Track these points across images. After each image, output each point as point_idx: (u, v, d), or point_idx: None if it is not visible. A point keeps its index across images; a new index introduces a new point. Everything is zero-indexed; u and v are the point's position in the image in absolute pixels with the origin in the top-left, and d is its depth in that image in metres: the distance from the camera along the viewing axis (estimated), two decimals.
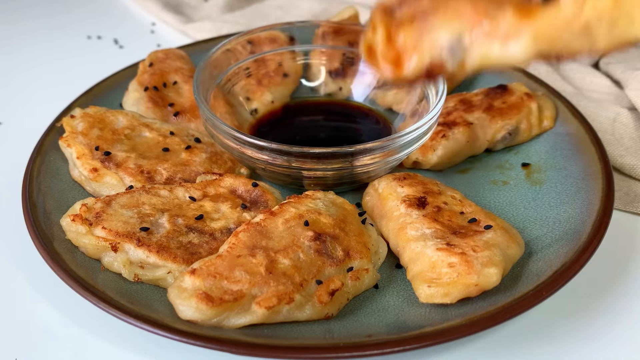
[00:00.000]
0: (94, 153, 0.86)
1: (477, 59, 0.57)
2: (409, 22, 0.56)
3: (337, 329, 0.69)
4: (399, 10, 0.57)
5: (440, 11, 0.56)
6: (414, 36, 0.56)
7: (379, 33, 0.57)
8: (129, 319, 0.67)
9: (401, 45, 0.57)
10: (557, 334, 0.73)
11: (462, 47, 0.56)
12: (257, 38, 1.05)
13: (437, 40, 0.56)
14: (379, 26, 0.57)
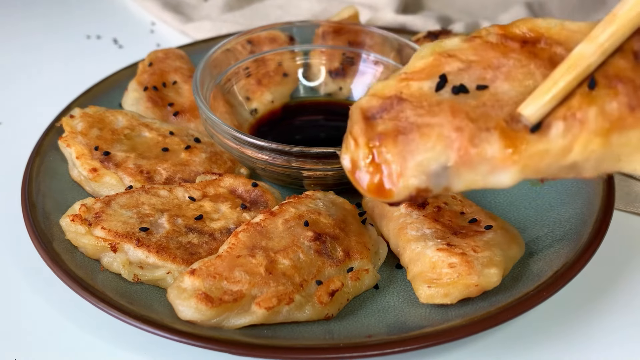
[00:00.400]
0: (93, 153, 0.86)
1: (462, 186, 0.57)
2: (393, 139, 0.54)
3: (337, 329, 0.69)
4: (379, 119, 0.55)
5: (425, 133, 0.54)
6: (399, 161, 0.55)
7: (361, 152, 0.55)
8: (129, 320, 0.67)
9: (384, 170, 0.55)
10: (557, 335, 0.73)
11: (446, 175, 0.55)
12: (256, 38, 1.05)
13: (422, 167, 0.55)
14: (361, 142, 0.55)
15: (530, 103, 0.52)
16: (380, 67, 1.03)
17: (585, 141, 0.52)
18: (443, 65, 0.53)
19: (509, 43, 0.53)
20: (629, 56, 0.53)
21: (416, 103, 0.54)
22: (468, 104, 0.53)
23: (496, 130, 0.53)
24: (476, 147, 0.53)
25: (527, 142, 0.52)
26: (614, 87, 0.52)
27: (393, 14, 1.35)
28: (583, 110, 0.52)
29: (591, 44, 0.52)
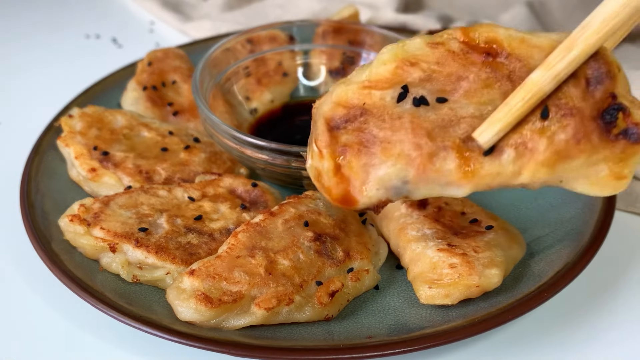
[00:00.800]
0: (92, 153, 0.86)
1: (421, 195, 0.61)
2: (356, 152, 0.57)
3: (337, 330, 0.69)
4: (343, 129, 0.57)
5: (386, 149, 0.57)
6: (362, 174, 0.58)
7: (326, 164, 0.58)
8: (128, 320, 0.67)
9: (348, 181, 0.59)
10: (558, 335, 0.73)
11: (406, 187, 0.59)
12: (256, 37, 1.04)
13: (383, 181, 0.58)
14: (325, 154, 0.58)
15: (484, 130, 0.55)
16: None
17: (534, 170, 0.56)
18: (405, 74, 0.55)
19: (470, 55, 0.55)
20: (581, 82, 0.55)
21: (378, 115, 0.56)
22: (428, 119, 0.56)
23: (453, 150, 0.56)
24: (434, 165, 0.57)
25: (480, 164, 0.56)
26: (565, 120, 0.55)
27: (393, 13, 1.34)
28: (534, 141, 0.55)
29: (547, 72, 0.54)
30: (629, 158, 0.57)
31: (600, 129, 0.55)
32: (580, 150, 0.56)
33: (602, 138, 0.56)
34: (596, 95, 0.55)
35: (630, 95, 0.57)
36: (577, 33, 0.54)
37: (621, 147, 0.56)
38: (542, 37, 0.56)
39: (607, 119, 0.55)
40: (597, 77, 0.55)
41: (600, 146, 0.56)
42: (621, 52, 1.21)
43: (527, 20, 1.30)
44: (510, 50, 0.55)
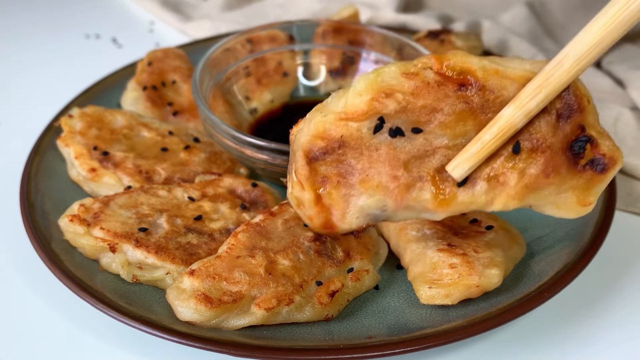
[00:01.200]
0: (92, 153, 0.86)
1: (399, 219, 0.64)
2: (335, 184, 0.59)
3: (337, 330, 0.69)
4: (322, 160, 0.59)
5: (365, 180, 0.59)
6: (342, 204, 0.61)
7: (306, 195, 0.60)
8: (127, 320, 0.67)
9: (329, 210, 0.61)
10: (559, 335, 0.73)
11: (385, 214, 0.61)
12: (256, 37, 1.04)
13: (363, 210, 0.61)
14: (306, 186, 0.60)
15: (457, 165, 0.58)
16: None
17: (505, 201, 0.59)
18: (380, 107, 0.56)
19: (444, 87, 0.56)
20: (552, 117, 0.57)
21: (356, 147, 0.58)
22: (403, 150, 0.58)
23: (428, 181, 0.59)
24: (411, 195, 0.59)
25: (454, 194, 0.59)
26: (535, 155, 0.57)
27: (393, 13, 1.34)
28: (505, 175, 0.58)
29: (519, 110, 0.55)
30: (594, 186, 0.60)
31: (569, 160, 0.58)
32: (549, 182, 0.58)
33: (570, 169, 0.58)
34: (566, 129, 0.57)
35: (598, 125, 0.59)
36: (550, 70, 0.55)
37: (587, 177, 0.59)
38: (516, 68, 0.57)
39: (575, 150, 0.58)
40: (568, 111, 0.57)
41: (568, 177, 0.58)
42: (621, 52, 1.21)
43: (527, 20, 1.30)
44: (484, 81, 0.56)
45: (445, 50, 1.07)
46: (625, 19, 0.51)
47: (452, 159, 0.58)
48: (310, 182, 0.60)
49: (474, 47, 1.11)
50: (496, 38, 1.25)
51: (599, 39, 0.53)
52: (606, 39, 0.53)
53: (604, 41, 0.53)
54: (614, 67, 1.15)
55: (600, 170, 0.58)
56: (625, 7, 0.51)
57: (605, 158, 0.58)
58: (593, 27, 0.53)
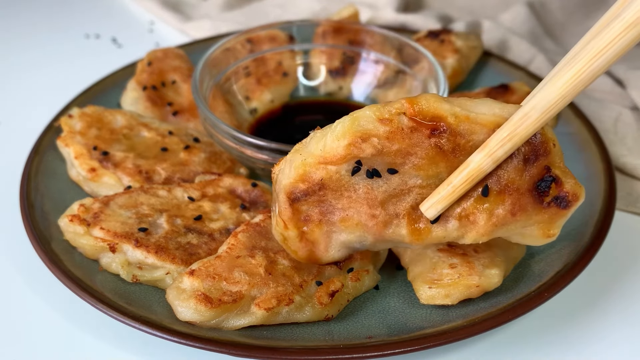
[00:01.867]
0: (92, 153, 0.85)
1: (378, 249, 0.70)
2: (318, 223, 0.63)
3: (337, 330, 0.69)
4: (304, 201, 0.62)
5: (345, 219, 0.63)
6: (325, 239, 0.65)
7: (291, 233, 0.64)
8: (127, 320, 0.67)
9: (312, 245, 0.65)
10: (559, 335, 0.73)
11: (365, 246, 0.66)
12: (256, 37, 1.04)
13: (344, 244, 0.65)
14: (290, 226, 0.64)
15: (431, 207, 0.62)
16: (381, 66, 1.03)
17: (475, 237, 0.63)
18: (358, 150, 0.59)
19: (418, 132, 0.59)
20: (519, 161, 0.61)
21: (335, 189, 0.62)
22: (380, 190, 0.62)
23: (404, 218, 0.63)
24: (388, 230, 0.64)
25: (429, 230, 0.63)
26: (503, 197, 0.61)
27: (393, 12, 1.34)
28: (475, 215, 0.62)
29: (488, 158, 0.59)
30: (557, 220, 0.64)
31: (535, 199, 0.62)
32: (516, 220, 0.63)
33: (535, 207, 0.62)
34: (532, 171, 0.61)
35: (563, 164, 0.63)
36: (518, 121, 0.58)
37: (552, 213, 0.63)
38: (486, 114, 0.60)
39: (541, 189, 0.62)
40: (534, 155, 0.61)
41: (534, 213, 0.63)
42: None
43: (527, 20, 1.30)
44: (455, 127, 0.59)
45: (445, 51, 1.07)
46: (587, 77, 0.55)
47: (426, 197, 0.62)
48: (294, 222, 0.64)
49: (474, 47, 1.11)
50: (496, 38, 1.25)
51: (563, 94, 0.56)
52: (571, 93, 0.56)
53: (568, 96, 0.56)
54: (614, 67, 1.15)
55: (564, 206, 0.63)
56: (588, 66, 0.54)
57: (569, 195, 0.63)
58: (558, 82, 0.57)
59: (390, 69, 1.02)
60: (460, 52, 1.07)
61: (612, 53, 0.53)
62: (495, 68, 1.12)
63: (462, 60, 1.07)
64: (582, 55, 0.55)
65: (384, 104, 0.61)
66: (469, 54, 1.09)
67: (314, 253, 0.66)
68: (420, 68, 0.97)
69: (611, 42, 0.53)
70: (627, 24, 0.52)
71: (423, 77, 0.96)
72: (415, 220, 0.63)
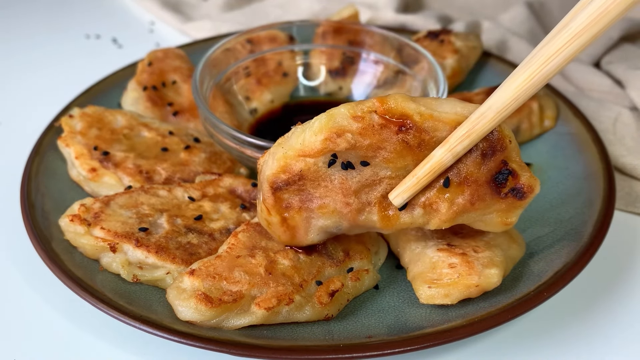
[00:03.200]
0: (92, 153, 0.86)
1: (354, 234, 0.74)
2: (298, 210, 0.69)
3: (337, 330, 0.69)
4: (285, 190, 0.68)
5: (322, 207, 0.68)
6: (304, 224, 0.70)
7: (274, 219, 0.70)
8: (128, 320, 0.67)
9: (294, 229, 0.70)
10: (558, 335, 0.73)
11: (342, 231, 0.71)
12: (256, 37, 1.04)
13: (322, 229, 0.70)
14: (273, 212, 0.69)
15: (397, 195, 0.67)
16: (381, 67, 1.03)
17: (439, 224, 0.68)
18: (334, 145, 0.65)
19: (387, 129, 0.65)
20: (477, 155, 0.65)
21: (313, 179, 0.67)
22: (354, 180, 0.67)
23: (375, 206, 0.68)
24: (361, 217, 0.69)
25: (397, 216, 0.69)
26: (462, 187, 0.66)
27: (393, 13, 1.34)
28: (437, 204, 0.68)
29: (448, 152, 0.64)
30: (514, 210, 0.69)
31: (492, 190, 0.67)
32: (475, 208, 0.68)
33: (493, 197, 0.67)
34: (490, 164, 0.66)
35: (519, 159, 0.68)
36: (476, 120, 0.63)
37: (509, 203, 0.68)
38: (448, 112, 0.65)
39: (498, 180, 0.67)
40: (491, 150, 0.65)
41: (492, 203, 0.68)
42: (620, 52, 1.21)
43: (527, 20, 1.30)
44: (420, 124, 0.64)
45: (444, 51, 1.08)
46: (537, 81, 0.60)
47: (394, 187, 0.68)
48: (276, 208, 0.69)
49: (474, 48, 1.11)
50: (496, 38, 1.25)
51: (516, 96, 0.61)
52: (523, 95, 0.61)
53: (522, 96, 0.61)
54: (613, 67, 1.15)
55: (520, 197, 0.67)
56: (539, 70, 0.59)
57: (524, 187, 0.67)
58: (512, 84, 0.61)
59: (390, 69, 1.02)
60: (460, 53, 1.08)
61: (560, 59, 0.58)
62: (495, 68, 1.12)
63: (461, 60, 1.07)
64: (534, 61, 0.59)
65: (357, 102, 0.66)
66: (468, 54, 1.09)
67: (295, 237, 0.71)
68: (419, 68, 0.97)
69: (559, 50, 0.58)
70: (573, 34, 0.57)
71: (423, 78, 0.96)
72: (385, 208, 0.69)
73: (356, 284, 0.72)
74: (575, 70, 1.16)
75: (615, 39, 1.21)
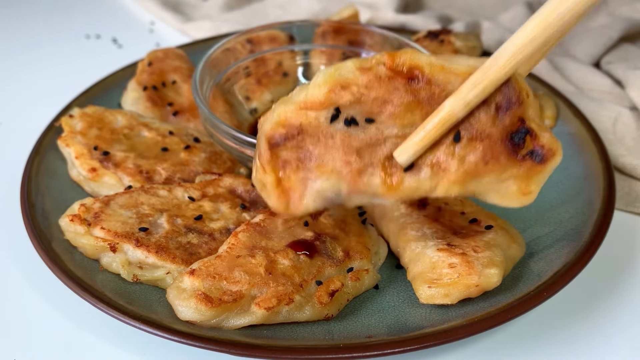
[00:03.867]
0: (92, 153, 0.86)
1: (354, 204, 0.67)
2: (295, 168, 0.63)
3: (337, 329, 0.69)
4: (283, 146, 0.63)
5: (321, 165, 0.63)
6: (300, 186, 0.64)
7: (269, 178, 0.64)
8: (128, 320, 0.67)
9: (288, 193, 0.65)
10: (558, 335, 0.73)
11: (340, 198, 0.65)
12: (256, 37, 1.04)
13: (319, 193, 0.64)
14: (267, 170, 0.64)
15: (403, 151, 0.62)
16: None
17: (447, 187, 0.62)
18: (337, 98, 0.61)
19: (394, 81, 0.60)
20: (492, 109, 0.60)
21: (314, 134, 0.63)
22: (357, 138, 0.62)
23: (378, 167, 0.63)
24: (363, 180, 0.63)
25: (402, 180, 0.63)
26: (474, 143, 0.61)
27: (393, 13, 1.34)
28: (447, 162, 0.62)
29: (460, 101, 0.59)
30: (534, 176, 0.62)
31: (509, 150, 0.61)
32: (488, 170, 0.61)
33: (510, 159, 0.61)
34: (505, 121, 0.60)
35: (538, 118, 0.61)
36: (489, 65, 0.59)
37: (527, 167, 0.62)
38: (460, 64, 0.61)
39: (515, 140, 0.61)
40: (507, 103, 0.60)
41: (508, 165, 0.61)
42: (620, 52, 1.21)
43: (527, 20, 1.30)
44: (430, 76, 0.60)
45: (445, 51, 1.08)
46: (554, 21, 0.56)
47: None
48: (272, 165, 0.64)
49: (474, 48, 1.11)
50: (496, 38, 1.25)
51: (532, 37, 0.57)
52: (540, 36, 0.57)
53: (538, 38, 0.57)
54: (613, 67, 1.15)
55: (539, 160, 0.61)
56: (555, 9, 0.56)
57: (543, 149, 0.61)
58: (528, 26, 0.58)
59: None
60: (460, 52, 1.08)
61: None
62: None
63: None
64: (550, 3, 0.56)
65: (365, 57, 0.62)
66: (468, 54, 1.09)
67: (290, 203, 0.66)
68: None
69: None
70: None
71: None
72: (389, 171, 0.63)
73: (356, 284, 0.72)
74: (575, 70, 1.16)
75: (615, 39, 1.21)
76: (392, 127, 0.62)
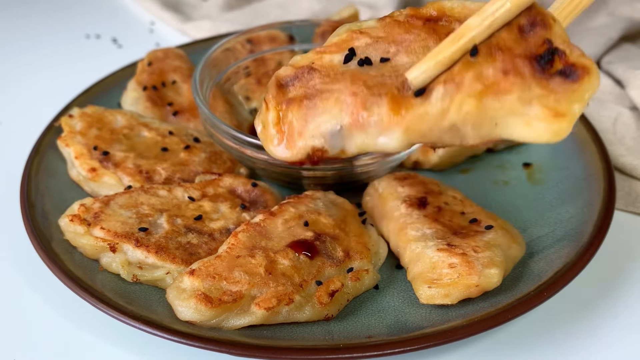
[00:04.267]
0: (92, 153, 0.86)
1: (356, 148, 0.61)
2: (298, 103, 0.60)
3: (337, 330, 0.69)
4: (292, 86, 0.60)
5: (325, 98, 0.59)
6: (300, 122, 0.60)
7: (270, 115, 0.61)
8: (128, 320, 0.67)
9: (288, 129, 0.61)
10: (558, 335, 0.73)
11: (341, 136, 0.60)
12: (256, 37, 1.04)
13: (319, 128, 0.60)
14: (270, 106, 0.61)
15: (416, 68, 0.56)
16: None
17: (460, 102, 0.55)
18: (354, 41, 0.59)
19: (413, 21, 0.58)
20: (514, 30, 0.55)
21: (324, 72, 0.59)
22: (368, 74, 0.58)
23: (387, 96, 0.57)
24: (367, 110, 0.58)
25: (410, 105, 0.56)
26: (493, 55, 0.54)
27: None
28: (461, 75, 0.55)
29: (479, 17, 0.55)
30: (567, 95, 0.54)
31: (534, 68, 0.54)
32: (509, 86, 0.54)
33: (535, 75, 0.54)
34: (530, 40, 0.54)
35: (567, 39, 0.55)
36: None
37: (557, 83, 0.54)
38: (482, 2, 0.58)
39: (542, 62, 0.54)
40: (531, 23, 0.55)
41: (533, 82, 0.54)
42: (620, 52, 1.21)
43: None
44: (450, 13, 0.58)
45: None
46: None
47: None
48: (276, 101, 0.61)
49: None
50: None
51: None
52: None
53: None
54: (613, 67, 1.15)
55: (572, 78, 0.53)
56: None
57: (576, 66, 0.54)
58: None
59: None
60: None
61: None
62: None
63: None
64: None
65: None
66: None
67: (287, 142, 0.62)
68: None
69: None
70: None
71: None
72: (398, 98, 0.57)
73: (356, 284, 0.72)
74: None
75: (615, 39, 1.21)
76: (407, 63, 0.58)
